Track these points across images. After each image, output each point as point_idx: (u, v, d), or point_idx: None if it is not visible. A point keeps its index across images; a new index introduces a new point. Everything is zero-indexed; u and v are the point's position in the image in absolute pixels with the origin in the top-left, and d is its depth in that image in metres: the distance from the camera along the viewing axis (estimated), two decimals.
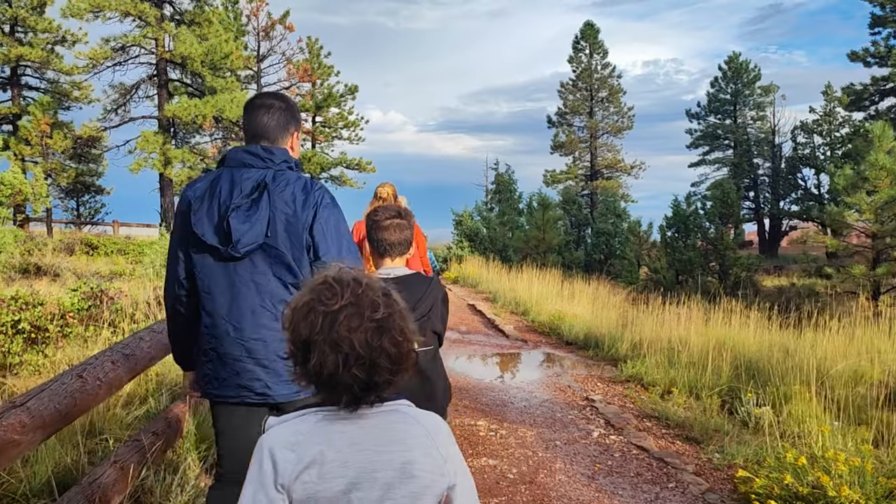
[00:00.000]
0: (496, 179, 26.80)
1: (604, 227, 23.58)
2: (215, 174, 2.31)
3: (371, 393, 1.24)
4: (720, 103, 45.98)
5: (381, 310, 1.23)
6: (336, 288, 1.23)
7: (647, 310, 11.33)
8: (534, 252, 19.12)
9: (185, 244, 2.30)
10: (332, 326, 1.20)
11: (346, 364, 1.19)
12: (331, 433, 1.24)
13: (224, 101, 22.21)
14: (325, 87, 34.40)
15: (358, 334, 1.20)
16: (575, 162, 44.08)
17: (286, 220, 2.25)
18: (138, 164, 20.97)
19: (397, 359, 1.23)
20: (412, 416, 1.30)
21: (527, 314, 12.08)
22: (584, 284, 14.38)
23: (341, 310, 1.21)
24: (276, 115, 2.38)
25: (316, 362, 1.20)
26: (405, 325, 1.26)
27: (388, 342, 1.22)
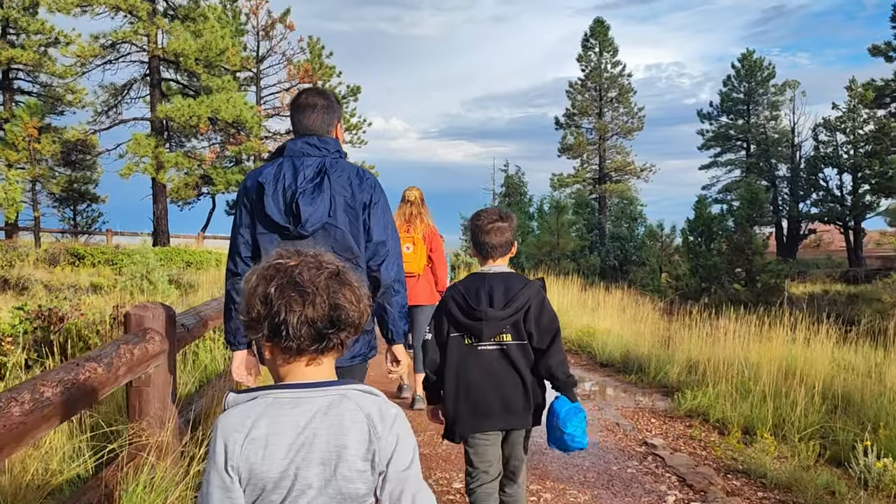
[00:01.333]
0: (506, 182, 25.59)
1: (618, 231, 22.37)
2: (277, 162, 2.56)
3: (320, 343, 1.28)
4: (733, 103, 44.69)
5: (334, 265, 1.33)
6: (289, 257, 1.32)
7: (684, 322, 10.14)
8: (547, 258, 17.91)
9: (251, 226, 2.56)
10: (292, 274, 1.28)
11: (306, 303, 1.25)
12: (278, 416, 1.27)
13: (220, 102, 21.09)
14: (327, 88, 33.32)
15: (319, 279, 1.28)
16: (583, 165, 42.78)
17: (345, 202, 2.53)
18: (129, 168, 19.79)
19: (354, 316, 1.30)
20: (356, 403, 1.32)
21: None
22: (606, 293, 13.16)
23: (299, 266, 1.29)
24: (321, 114, 2.63)
25: (279, 305, 1.25)
26: (359, 285, 1.34)
27: (349, 292, 1.30)
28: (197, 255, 18.12)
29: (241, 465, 1.25)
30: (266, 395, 1.30)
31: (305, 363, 1.33)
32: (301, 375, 1.33)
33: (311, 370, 1.33)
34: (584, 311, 11.21)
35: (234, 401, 1.32)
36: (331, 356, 1.35)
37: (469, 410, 2.65)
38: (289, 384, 1.33)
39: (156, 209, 21.39)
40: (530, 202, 23.18)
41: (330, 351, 1.33)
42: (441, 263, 5.82)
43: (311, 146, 2.58)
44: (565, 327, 10.40)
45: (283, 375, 1.34)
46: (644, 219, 22.05)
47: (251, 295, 1.29)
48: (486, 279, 2.68)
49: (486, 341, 2.63)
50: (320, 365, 1.34)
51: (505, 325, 2.62)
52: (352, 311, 1.30)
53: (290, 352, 1.30)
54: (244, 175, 30.45)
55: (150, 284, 10.95)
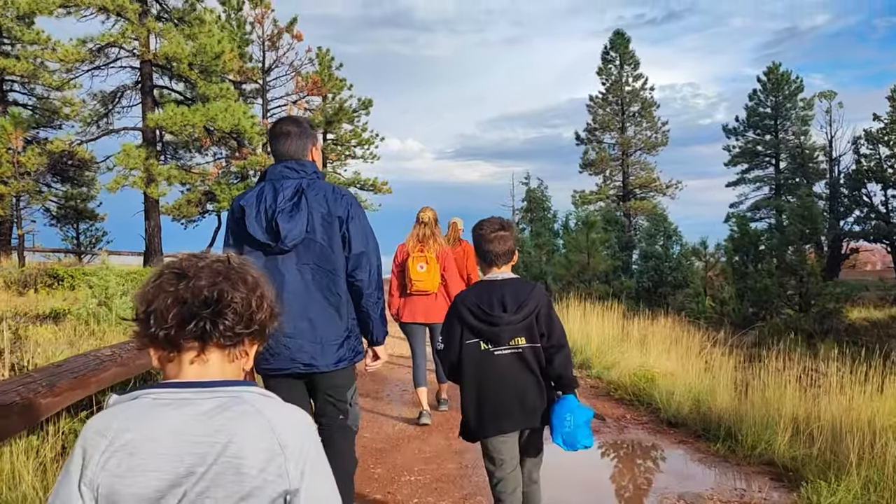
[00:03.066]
0: (527, 196, 23.66)
1: (651, 249, 20.37)
2: (259, 187, 2.83)
3: (192, 326, 1.11)
4: (759, 118, 42.76)
5: (229, 259, 1.20)
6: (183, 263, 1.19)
7: (761, 361, 8.20)
8: (577, 280, 15.99)
9: (238, 245, 2.79)
10: (175, 265, 1.17)
11: (180, 284, 1.12)
12: (151, 418, 1.08)
13: (217, 110, 19.48)
14: (337, 101, 31.74)
15: (203, 264, 1.16)
16: (606, 181, 40.97)
17: (322, 217, 2.76)
18: (116, 181, 18.18)
19: (240, 302, 1.14)
20: (253, 405, 1.11)
21: (587, 366, 8.92)
22: (649, 321, 11.20)
23: (188, 258, 1.19)
24: (295, 140, 2.87)
25: (152, 293, 1.13)
26: (257, 279, 1.20)
27: (238, 280, 1.16)
28: None
29: (101, 481, 1.04)
30: (146, 395, 1.11)
31: (190, 360, 1.14)
32: (185, 374, 1.14)
33: (195, 369, 1.14)
34: (631, 345, 9.27)
35: (112, 402, 1.13)
36: (220, 354, 1.15)
37: (491, 413, 2.76)
38: (171, 382, 1.14)
39: (147, 226, 19.74)
40: (554, 218, 21.35)
41: (212, 343, 1.13)
42: (454, 282, 5.81)
43: (290, 169, 2.81)
44: (607, 366, 8.48)
45: (170, 377, 1.15)
46: (679, 236, 20.04)
47: (136, 298, 1.16)
48: (496, 286, 2.81)
49: (503, 345, 2.74)
50: (206, 363, 1.15)
51: (519, 329, 2.74)
52: (237, 296, 1.13)
53: (161, 343, 1.12)
54: None
55: (108, 312, 9.17)
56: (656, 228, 20.71)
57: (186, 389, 1.12)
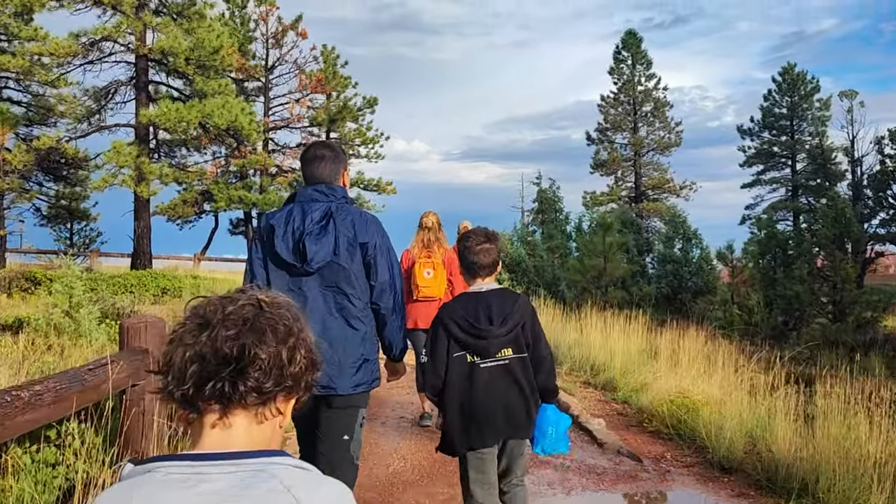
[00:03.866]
0: (538, 196, 22.55)
1: (670, 253, 19.27)
2: (288, 208, 2.86)
3: (210, 387, 0.95)
4: (775, 118, 41.66)
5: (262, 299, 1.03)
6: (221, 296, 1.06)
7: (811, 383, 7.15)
8: (592, 286, 14.91)
9: (264, 263, 2.84)
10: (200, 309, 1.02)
11: (200, 336, 0.97)
12: (164, 500, 0.91)
13: (213, 106, 18.51)
14: (341, 99, 30.76)
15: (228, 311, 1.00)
16: (617, 182, 39.87)
17: (348, 242, 2.80)
18: (105, 180, 17.20)
19: (267, 359, 0.97)
20: (282, 482, 0.92)
21: (612, 388, 7.85)
22: (677, 333, 10.11)
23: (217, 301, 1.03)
24: (329, 165, 2.93)
25: (173, 345, 1.00)
26: (291, 326, 1.03)
27: (268, 329, 0.99)
28: (178, 281, 15.40)
29: None
30: (156, 471, 0.96)
31: (211, 423, 0.99)
32: (207, 442, 0.99)
33: (217, 434, 0.98)
34: (660, 363, 8.18)
35: (126, 475, 0.99)
36: (246, 416, 0.99)
37: (475, 427, 2.73)
38: (186, 454, 0.98)
39: (136, 226, 18.76)
40: (566, 220, 20.26)
41: (236, 405, 0.98)
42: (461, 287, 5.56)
43: (320, 192, 2.86)
44: (635, 388, 7.43)
45: (194, 443, 1.00)
46: (699, 239, 18.92)
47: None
48: (482, 297, 2.84)
49: (490, 358, 2.75)
50: (229, 428, 0.99)
51: (506, 341, 2.76)
52: (263, 351, 0.97)
53: (180, 404, 0.98)
54: (248, 191, 28.00)
55: (72, 323, 8.16)
56: (674, 231, 19.60)
57: (203, 463, 0.95)
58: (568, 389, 7.72)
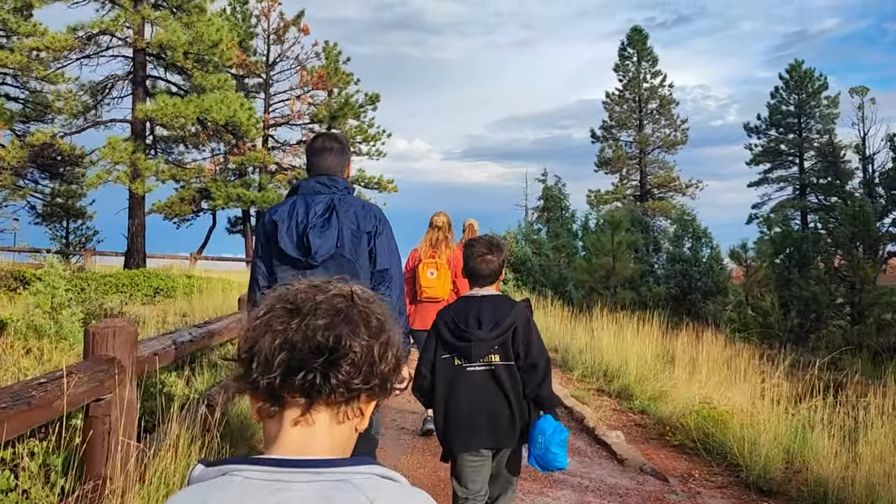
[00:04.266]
0: (544, 194, 21.96)
1: (679, 252, 18.76)
2: (291, 200, 2.87)
3: (300, 378, 0.89)
4: (782, 116, 41.15)
5: (353, 291, 0.97)
6: (303, 283, 0.98)
7: (839, 390, 6.69)
8: (600, 286, 14.41)
9: (267, 257, 2.86)
10: (290, 296, 0.95)
11: (291, 323, 0.90)
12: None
13: (211, 101, 18.04)
14: (343, 95, 30.29)
15: (320, 299, 0.93)
16: (622, 181, 39.35)
17: (351, 234, 2.81)
18: (99, 176, 16.73)
19: (360, 352, 0.91)
20: (366, 494, 0.86)
21: (628, 396, 7.37)
22: (693, 337, 9.62)
23: (306, 289, 0.96)
24: (336, 157, 2.95)
25: (259, 330, 0.92)
26: (383, 321, 0.96)
27: (361, 322, 0.92)
28: (171, 281, 14.93)
29: None
30: (234, 474, 0.89)
31: (293, 420, 0.91)
32: (287, 442, 0.91)
33: (297, 432, 0.91)
34: (678, 369, 7.70)
35: (197, 476, 0.93)
36: (329, 413, 0.92)
37: (457, 429, 2.72)
38: (264, 458, 0.90)
39: (131, 224, 18.29)
40: (573, 218, 19.69)
41: (321, 401, 0.91)
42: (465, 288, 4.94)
43: (322, 185, 2.86)
44: (659, 398, 6.97)
45: (270, 442, 0.94)
46: (709, 238, 18.40)
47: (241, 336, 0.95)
48: (475, 302, 2.84)
49: (475, 362, 2.73)
50: (311, 426, 0.92)
51: (493, 346, 2.73)
52: (357, 344, 0.91)
53: (263, 394, 0.91)
54: (247, 189, 27.55)
55: (53, 325, 7.70)
56: (683, 229, 19.08)
57: (283, 469, 0.88)
58: (581, 398, 7.24)
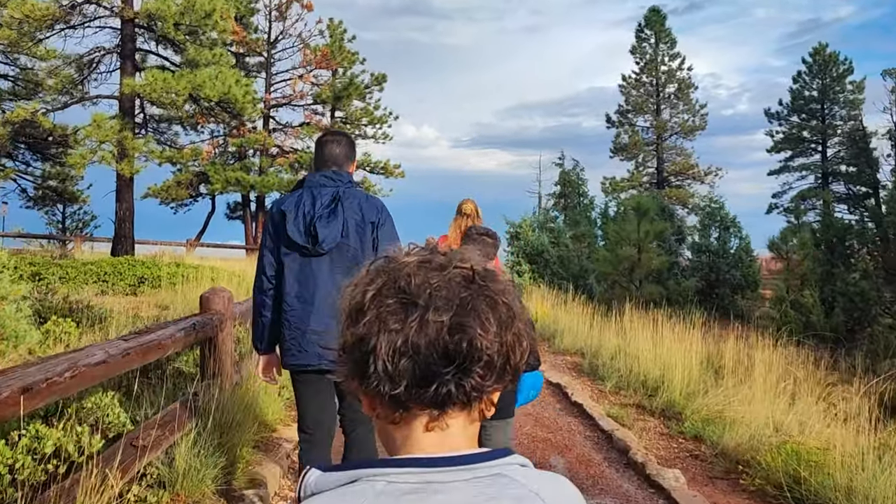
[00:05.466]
0: (560, 178, 20.47)
1: (706, 242, 17.45)
2: (298, 193, 3.03)
3: (431, 389, 0.80)
4: (804, 101, 39.48)
5: (468, 266, 0.84)
6: (408, 253, 0.87)
7: None
8: (625, 279, 13.12)
9: (275, 247, 3.01)
10: (399, 274, 0.83)
11: (409, 320, 0.79)
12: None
13: (205, 77, 16.77)
14: (348, 76, 28.92)
15: (439, 283, 0.81)
16: (638, 168, 37.88)
17: (356, 224, 2.97)
18: (83, 156, 15.53)
19: (490, 348, 0.80)
20: (526, 486, 0.81)
21: (675, 415, 6.10)
22: (741, 340, 8.35)
23: (413, 264, 0.84)
24: (343, 148, 3.13)
25: (369, 322, 0.81)
26: (511, 301, 0.84)
27: (487, 308, 0.81)
28: (159, 269, 13.73)
29: None
30: (373, 479, 0.78)
31: (424, 426, 0.83)
32: (421, 445, 0.83)
33: (431, 437, 0.83)
34: (733, 381, 6.42)
35: (316, 484, 0.83)
36: (462, 414, 0.84)
37: None
38: (407, 458, 0.82)
39: (118, 209, 17.07)
40: (591, 205, 18.29)
41: (455, 406, 0.83)
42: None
43: (328, 178, 3.02)
44: (714, 421, 5.73)
45: (398, 445, 0.85)
46: (738, 228, 17.07)
47: (342, 314, 0.85)
48: None
49: None
50: (445, 430, 0.83)
51: None
52: (488, 342, 0.80)
53: (387, 402, 0.82)
54: (246, 173, 26.32)
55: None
56: (710, 218, 17.73)
57: (430, 469, 0.79)
58: (619, 417, 5.97)
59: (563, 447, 5.39)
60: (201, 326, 4.39)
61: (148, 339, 3.62)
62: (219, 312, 4.73)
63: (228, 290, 4.90)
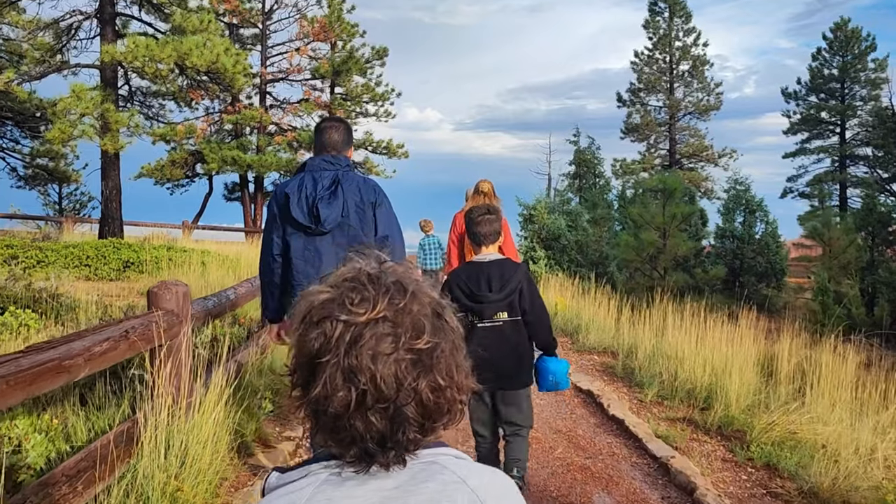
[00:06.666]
0: (576, 157, 19.24)
1: (730, 227, 16.34)
2: (300, 176, 3.23)
3: (389, 451, 0.86)
4: (824, 80, 37.99)
5: (425, 336, 0.85)
6: (369, 290, 0.85)
7: None
8: (647, 267, 12.00)
9: (280, 227, 3.20)
10: (351, 346, 0.83)
11: (360, 405, 0.83)
12: (337, 500, 0.84)
13: (191, 44, 15.56)
14: (348, 49, 27.59)
15: (386, 366, 0.83)
16: (650, 149, 36.56)
17: (355, 204, 3.16)
18: (62, 130, 14.38)
19: (434, 411, 0.86)
20: (455, 472, 0.87)
21: (737, 434, 5.01)
22: (796, 339, 7.24)
23: (370, 325, 0.84)
24: (341, 133, 3.34)
25: (320, 392, 0.84)
26: (455, 362, 0.88)
27: (427, 385, 0.85)
28: (146, 253, 12.67)
29: None
30: (318, 472, 0.87)
31: None
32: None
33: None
34: (807, 401, 5.32)
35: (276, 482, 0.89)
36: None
37: None
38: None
39: (104, 188, 15.94)
40: (608, 186, 17.12)
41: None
42: (511, 252, 5.80)
43: (328, 162, 3.22)
44: (787, 442, 4.63)
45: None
46: (765, 212, 15.91)
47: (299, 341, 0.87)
48: (483, 266, 3.27)
49: (486, 319, 3.20)
50: None
51: (502, 305, 3.21)
52: (422, 420, 0.86)
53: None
54: (243, 152, 25.13)
55: None
56: (735, 201, 16.55)
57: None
58: (671, 439, 4.88)
59: (606, 479, 4.32)
60: (140, 333, 3.31)
61: (43, 358, 2.54)
62: (170, 312, 3.66)
63: (185, 282, 3.81)
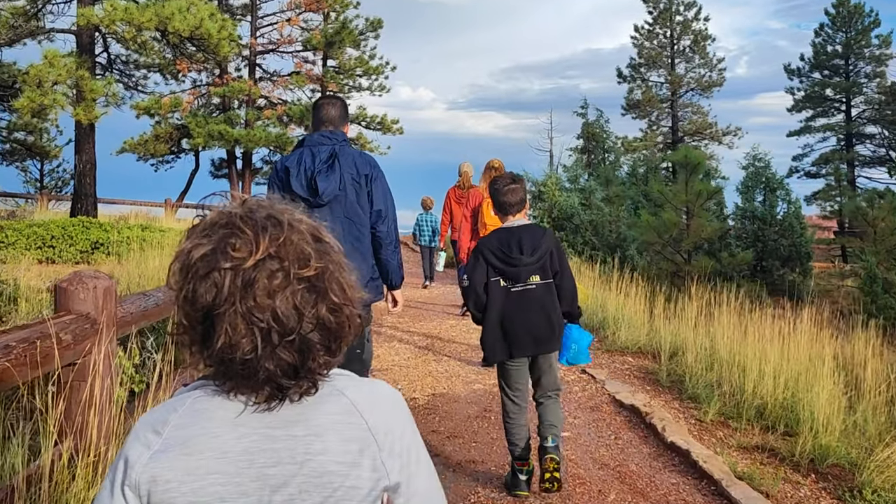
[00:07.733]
0: (584, 131, 18.05)
1: (750, 207, 15.37)
2: (299, 151, 3.38)
3: (302, 381, 0.86)
4: (827, 56, 36.99)
5: (312, 262, 0.87)
6: (247, 233, 0.84)
7: None
8: (668, 250, 11.04)
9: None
10: (245, 291, 0.82)
11: (266, 344, 0.83)
12: (211, 410, 0.86)
13: (174, 8, 14.31)
14: (341, 20, 26.26)
15: (283, 300, 0.83)
16: (651, 126, 35.48)
17: (351, 178, 3.31)
18: (31, 99, 13.17)
19: (336, 332, 0.88)
20: (332, 384, 0.90)
21: (839, 474, 4.04)
22: (879, 340, 6.29)
23: (257, 265, 0.83)
24: (337, 110, 3.48)
25: (224, 342, 0.83)
26: (344, 280, 0.90)
27: (326, 309, 0.87)
28: (118, 233, 11.57)
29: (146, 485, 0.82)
30: (206, 385, 0.89)
31: None
32: None
33: None
34: (841, 387, 4.35)
35: (176, 395, 0.92)
36: None
37: (507, 342, 3.30)
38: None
39: (77, 162, 14.75)
40: (618, 161, 16.03)
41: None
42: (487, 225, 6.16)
43: (325, 137, 3.37)
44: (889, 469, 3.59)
45: None
46: (787, 191, 14.93)
47: (186, 299, 0.87)
48: (514, 232, 3.37)
49: (520, 283, 3.29)
50: None
51: (535, 269, 3.30)
52: (328, 342, 0.88)
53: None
54: (231, 126, 23.91)
55: None
56: (754, 179, 15.55)
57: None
58: (753, 479, 3.88)
59: None
60: (24, 352, 2.22)
61: None
62: (83, 317, 2.61)
63: (109, 275, 2.76)
